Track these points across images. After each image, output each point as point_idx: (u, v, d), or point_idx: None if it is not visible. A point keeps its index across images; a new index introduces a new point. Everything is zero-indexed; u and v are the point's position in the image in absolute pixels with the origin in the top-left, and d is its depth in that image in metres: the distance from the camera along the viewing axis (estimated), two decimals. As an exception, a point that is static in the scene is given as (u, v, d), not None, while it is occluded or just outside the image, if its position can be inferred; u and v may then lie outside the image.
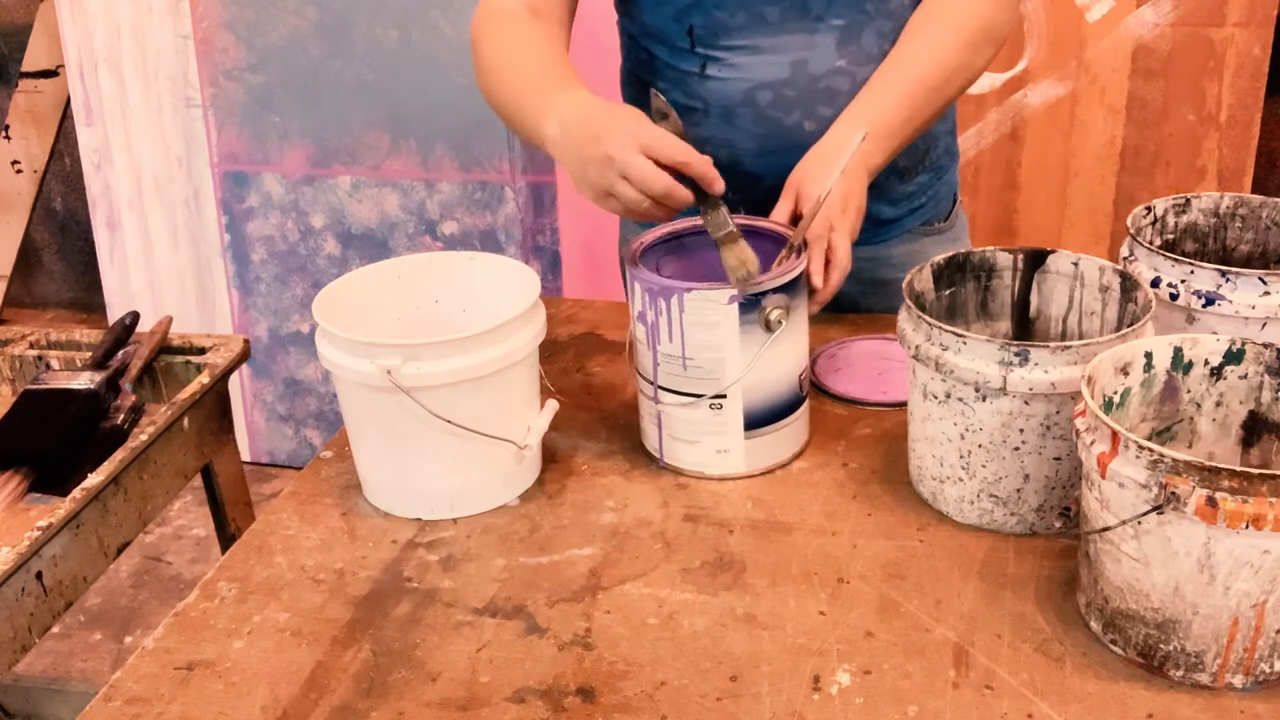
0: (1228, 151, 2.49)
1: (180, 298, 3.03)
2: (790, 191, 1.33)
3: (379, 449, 1.23)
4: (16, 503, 1.38)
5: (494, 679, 1.02)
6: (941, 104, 1.41)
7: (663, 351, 1.23)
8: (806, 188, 1.31)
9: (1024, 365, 1.09)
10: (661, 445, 1.28)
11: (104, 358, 1.56)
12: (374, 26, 2.70)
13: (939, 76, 1.38)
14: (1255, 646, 0.96)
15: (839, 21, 1.40)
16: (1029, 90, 2.52)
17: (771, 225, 1.30)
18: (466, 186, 2.78)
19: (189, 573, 2.74)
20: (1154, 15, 2.42)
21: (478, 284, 1.33)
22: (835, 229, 1.29)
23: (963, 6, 1.40)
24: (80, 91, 2.92)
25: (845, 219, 1.31)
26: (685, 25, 1.42)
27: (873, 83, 1.38)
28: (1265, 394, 1.08)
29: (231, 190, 2.90)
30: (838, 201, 1.30)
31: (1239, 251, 1.36)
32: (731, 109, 1.43)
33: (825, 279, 1.29)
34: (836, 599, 1.09)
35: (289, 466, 3.10)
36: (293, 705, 1.00)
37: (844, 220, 1.30)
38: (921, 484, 1.22)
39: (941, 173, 1.58)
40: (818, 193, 1.26)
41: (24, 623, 1.28)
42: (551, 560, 1.16)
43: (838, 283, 1.30)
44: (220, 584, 1.15)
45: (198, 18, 2.78)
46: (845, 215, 1.31)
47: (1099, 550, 1.01)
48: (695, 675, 1.01)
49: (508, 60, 1.41)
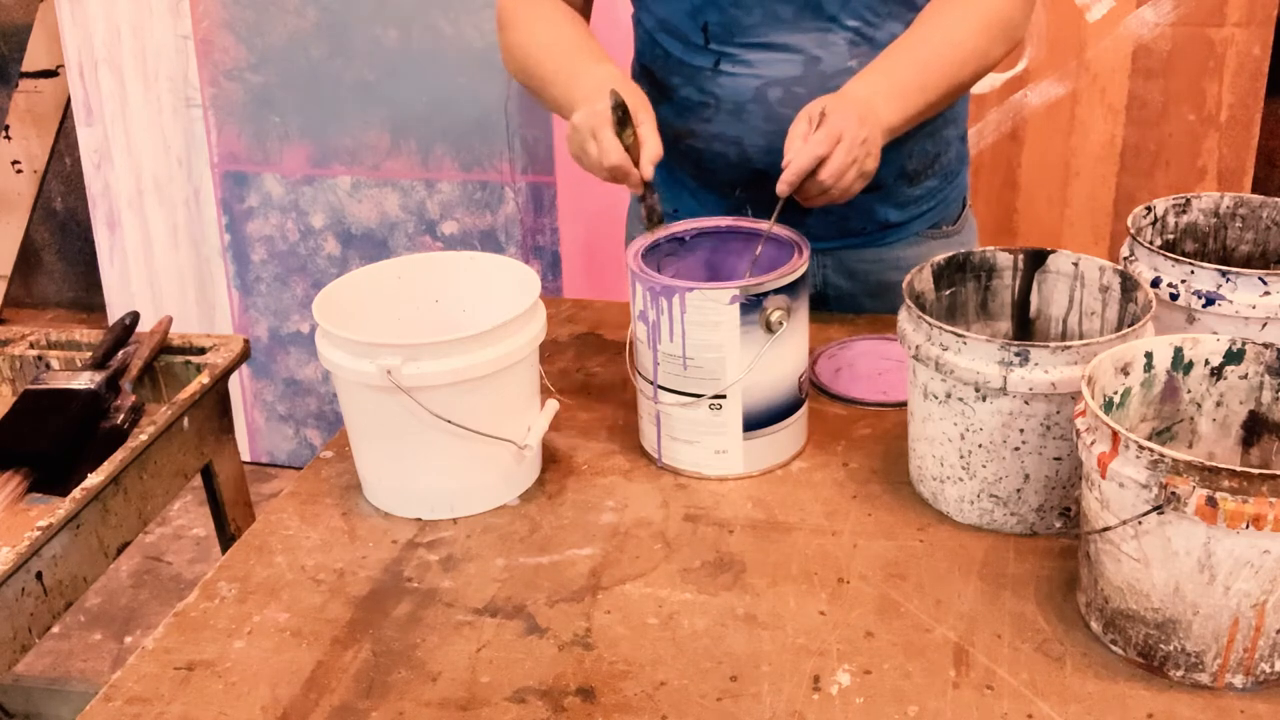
0: (1228, 151, 2.49)
1: (180, 298, 3.03)
2: (801, 118, 1.32)
3: (379, 449, 1.23)
4: (16, 503, 1.38)
5: (494, 679, 1.02)
6: (956, 85, 1.41)
7: (663, 351, 1.23)
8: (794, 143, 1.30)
9: (1024, 365, 1.09)
10: (660, 445, 1.28)
11: (104, 358, 1.56)
12: (374, 26, 2.70)
13: (954, 55, 1.38)
14: (1255, 646, 0.96)
15: (853, 21, 1.41)
16: (1029, 90, 2.52)
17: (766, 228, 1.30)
18: (466, 186, 2.78)
19: (189, 573, 2.74)
20: (1154, 15, 2.42)
21: (478, 284, 1.33)
22: (837, 149, 1.27)
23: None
24: (80, 91, 2.92)
25: (851, 148, 1.28)
26: (700, 21, 1.43)
27: (889, 51, 1.38)
28: (1265, 394, 1.08)
29: (231, 190, 2.90)
30: (859, 135, 1.28)
31: (1239, 251, 1.36)
32: (742, 105, 1.43)
33: (798, 173, 1.27)
34: (836, 599, 1.09)
35: (289, 466, 3.10)
36: (293, 705, 1.00)
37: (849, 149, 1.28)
38: (922, 484, 1.22)
39: (952, 177, 1.58)
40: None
41: (24, 623, 1.28)
42: (551, 560, 1.16)
43: (795, 179, 1.28)
44: (220, 584, 1.15)
45: (198, 18, 2.78)
46: (853, 145, 1.28)
47: (1099, 550, 1.01)
48: (695, 675, 1.01)
49: (540, 42, 1.46)
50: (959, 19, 1.39)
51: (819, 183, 1.28)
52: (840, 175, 1.28)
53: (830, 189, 1.29)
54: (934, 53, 1.38)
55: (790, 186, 1.29)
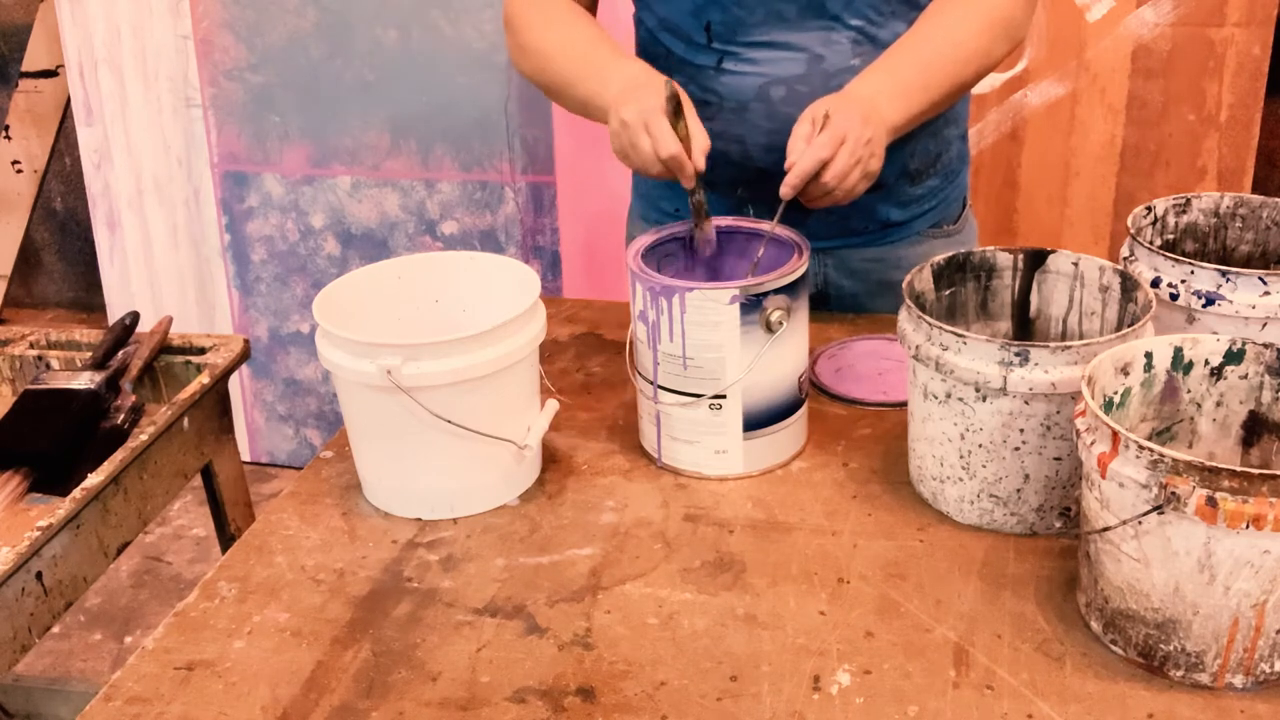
0: (1228, 151, 2.49)
1: (180, 298, 3.03)
2: (804, 119, 1.32)
3: (379, 449, 1.23)
4: (16, 503, 1.38)
5: (494, 679, 1.02)
6: (959, 84, 1.41)
7: (663, 351, 1.23)
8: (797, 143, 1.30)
9: (1024, 365, 1.09)
10: (660, 445, 1.28)
11: (104, 358, 1.56)
12: (374, 26, 2.70)
13: (957, 54, 1.38)
14: (1255, 646, 0.96)
15: (856, 21, 1.41)
16: (1029, 90, 2.52)
17: (769, 229, 1.30)
18: (466, 186, 2.78)
19: (189, 573, 2.74)
20: (1154, 15, 2.42)
21: (478, 284, 1.33)
22: (841, 150, 1.27)
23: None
24: (80, 91, 2.92)
25: (855, 150, 1.28)
26: (703, 20, 1.43)
27: (892, 50, 1.38)
28: (1265, 394, 1.08)
29: (231, 190, 2.90)
30: (863, 136, 1.28)
31: (1239, 251, 1.36)
32: (745, 104, 1.43)
33: (801, 175, 1.27)
34: (836, 599, 1.09)
35: (289, 466, 3.10)
36: (293, 705, 1.00)
37: (853, 151, 1.28)
38: (921, 484, 1.22)
39: (952, 176, 1.58)
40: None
41: (24, 623, 1.28)
42: (551, 560, 1.16)
43: (799, 181, 1.28)
44: (220, 584, 1.15)
45: (198, 18, 2.78)
46: (856, 146, 1.28)
47: (1099, 550, 1.01)
48: (695, 675, 1.01)
49: (554, 42, 1.46)
50: (961, 18, 1.39)
51: (822, 185, 1.28)
52: (844, 177, 1.28)
53: (834, 191, 1.29)
54: (936, 52, 1.38)
55: (793, 190, 1.28)
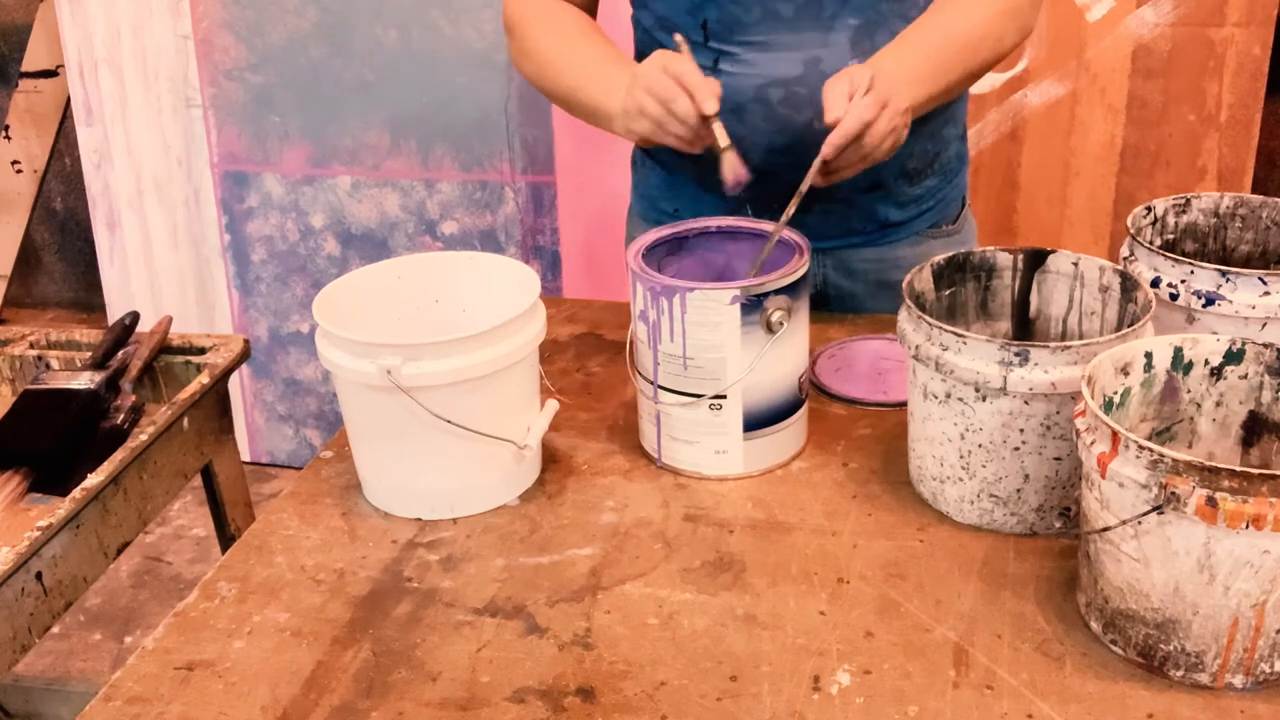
0: (1228, 151, 2.49)
1: (180, 298, 3.03)
2: (841, 78, 1.31)
3: (379, 449, 1.23)
4: (16, 503, 1.38)
5: (494, 679, 1.02)
6: (971, 69, 1.41)
7: (663, 351, 1.23)
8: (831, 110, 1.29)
9: (1024, 365, 1.09)
10: (660, 445, 1.28)
11: (104, 358, 1.56)
12: (374, 26, 2.70)
13: (969, 38, 1.39)
14: (1255, 646, 0.96)
15: (854, 21, 1.41)
16: (1029, 90, 2.52)
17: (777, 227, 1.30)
18: (466, 186, 2.78)
19: (189, 573, 2.74)
20: (1154, 15, 2.42)
21: (478, 284, 1.33)
22: (882, 114, 1.26)
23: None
24: (80, 91, 2.92)
25: (893, 117, 1.28)
26: (699, 19, 1.43)
27: (907, 33, 1.38)
28: (1265, 394, 1.08)
29: (231, 190, 2.90)
30: (900, 104, 1.28)
31: (1239, 251, 1.36)
32: (742, 105, 1.43)
33: (846, 135, 1.26)
34: (836, 599, 1.09)
35: (289, 466, 3.10)
36: (293, 705, 1.00)
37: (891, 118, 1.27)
38: (921, 484, 1.22)
39: (951, 176, 1.58)
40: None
41: (24, 623, 1.28)
42: (551, 560, 1.16)
43: (843, 141, 1.26)
44: (220, 584, 1.15)
45: (198, 18, 2.78)
46: (894, 114, 1.28)
47: (1099, 550, 1.01)
48: (695, 675, 1.01)
49: (557, 47, 1.46)
50: (974, 4, 1.40)
51: (860, 147, 1.27)
52: (880, 142, 1.27)
53: (867, 156, 1.28)
54: (949, 37, 1.38)
55: (836, 149, 1.26)
